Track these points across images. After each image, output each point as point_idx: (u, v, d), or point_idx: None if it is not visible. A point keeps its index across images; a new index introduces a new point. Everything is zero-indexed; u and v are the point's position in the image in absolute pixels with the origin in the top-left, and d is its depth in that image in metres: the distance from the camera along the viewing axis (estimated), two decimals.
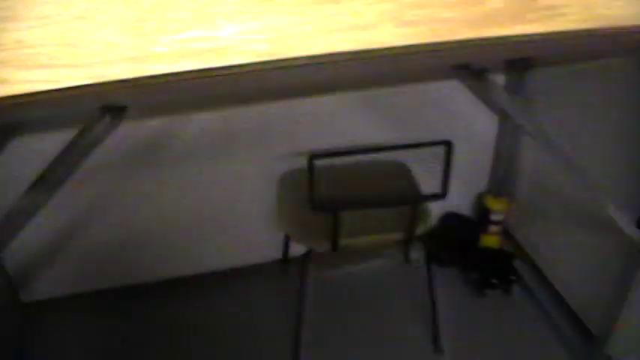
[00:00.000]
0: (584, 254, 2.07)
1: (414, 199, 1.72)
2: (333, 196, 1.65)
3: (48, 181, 1.23)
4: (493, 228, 2.38)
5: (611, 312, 1.84)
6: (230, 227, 2.27)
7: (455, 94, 2.22)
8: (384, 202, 1.70)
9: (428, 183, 1.88)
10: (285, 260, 2.35)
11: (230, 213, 2.24)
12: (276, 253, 2.37)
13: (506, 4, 1.23)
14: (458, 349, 2.08)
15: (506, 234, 2.48)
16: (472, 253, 2.36)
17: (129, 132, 1.96)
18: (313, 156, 1.45)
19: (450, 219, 2.47)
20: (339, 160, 2.02)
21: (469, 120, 2.30)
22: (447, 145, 1.51)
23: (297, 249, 2.15)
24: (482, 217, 2.39)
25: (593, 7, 1.27)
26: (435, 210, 2.46)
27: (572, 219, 2.10)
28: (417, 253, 2.44)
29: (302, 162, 1.92)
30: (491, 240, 2.40)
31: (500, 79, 2.24)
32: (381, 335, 2.13)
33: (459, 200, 2.50)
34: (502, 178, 2.41)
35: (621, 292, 1.78)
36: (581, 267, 2.10)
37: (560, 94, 2.06)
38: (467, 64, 1.16)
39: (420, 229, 1.76)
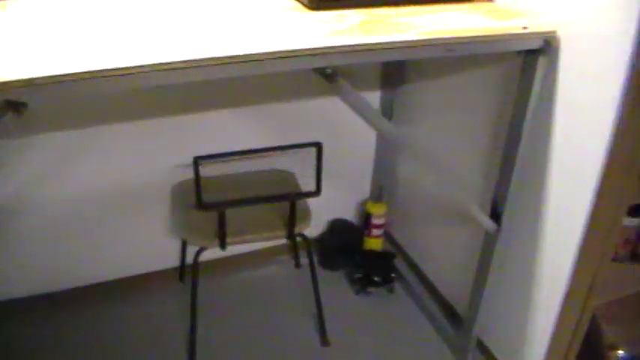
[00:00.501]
0: (451, 247, 2.31)
1: (290, 196, 1.90)
2: (220, 197, 1.80)
3: None
4: (375, 231, 2.59)
5: (474, 296, 2.07)
6: (129, 237, 2.37)
7: (337, 109, 2.43)
8: (263, 199, 1.87)
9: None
10: (183, 267, 2.48)
11: (128, 223, 2.35)
12: (174, 261, 2.50)
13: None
14: (344, 341, 2.26)
15: (388, 236, 2.71)
16: (357, 255, 2.55)
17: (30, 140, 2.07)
18: (197, 158, 1.61)
19: (337, 225, 2.67)
20: (228, 170, 2.19)
21: (351, 132, 2.52)
22: (317, 146, 1.70)
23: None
24: (365, 221, 2.60)
25: (435, 25, 1.50)
26: (324, 218, 2.67)
27: (440, 217, 2.34)
28: (306, 259, 2.62)
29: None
30: (374, 242, 2.61)
31: (376, 95, 2.47)
32: (272, 333, 2.28)
33: (344, 208, 2.71)
34: (382, 184, 2.63)
35: (482, 277, 2.01)
36: (449, 259, 2.34)
37: (428, 106, 2.30)
38: (322, 69, 1.36)
39: (300, 228, 1.94)
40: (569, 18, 1.55)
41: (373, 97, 2.47)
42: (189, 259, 2.45)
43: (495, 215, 1.86)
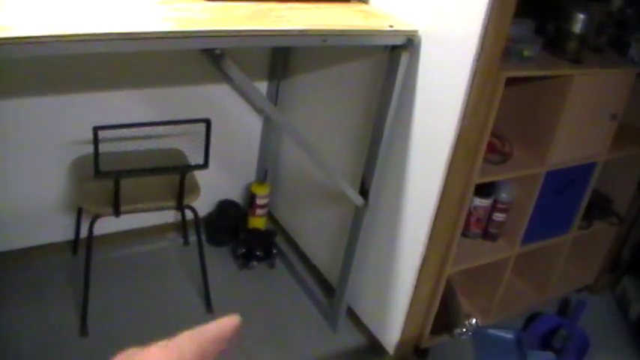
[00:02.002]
0: (325, 225, 2.56)
1: (180, 168, 2.08)
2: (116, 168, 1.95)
3: None
4: (259, 211, 2.79)
5: (344, 267, 2.31)
6: (26, 210, 2.46)
7: (226, 97, 2.63)
8: (156, 170, 2.04)
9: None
10: (77, 240, 2.59)
11: (25, 197, 2.44)
12: (69, 235, 2.61)
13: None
14: (227, 309, 2.44)
15: (271, 216, 2.92)
16: (241, 233, 2.75)
17: None
18: (97, 127, 1.76)
19: (224, 205, 2.85)
20: (123, 148, 2.33)
21: (239, 120, 2.71)
22: (207, 122, 1.89)
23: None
24: (250, 202, 2.80)
25: (312, 20, 1.73)
26: (211, 198, 2.85)
27: (317, 198, 2.59)
28: (194, 237, 2.80)
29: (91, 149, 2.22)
30: (257, 221, 2.82)
31: (263, 85, 2.68)
32: (161, 302, 2.44)
33: (231, 189, 2.90)
34: (267, 168, 2.84)
35: (350, 249, 2.25)
36: (324, 236, 2.59)
37: (309, 96, 2.54)
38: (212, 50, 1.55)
39: (189, 200, 2.12)
40: (427, 21, 1.82)
41: (260, 87, 2.67)
42: (83, 233, 2.57)
43: (363, 192, 2.11)
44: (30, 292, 2.39)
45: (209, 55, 1.56)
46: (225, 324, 0.52)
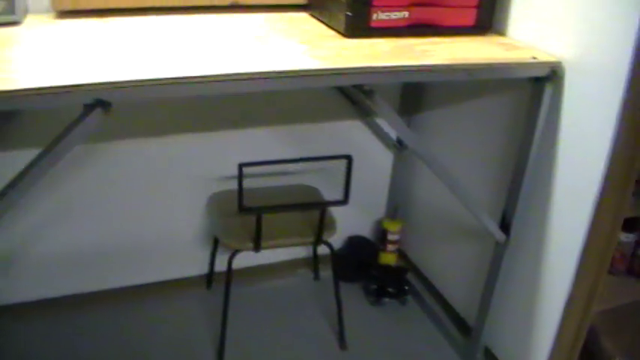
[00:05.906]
0: (461, 262, 2.50)
1: (321, 204, 2.10)
2: (257, 204, 2.00)
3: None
4: (390, 247, 2.78)
5: (483, 306, 2.25)
6: (162, 243, 2.57)
7: (356, 133, 2.65)
8: (297, 206, 2.07)
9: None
10: (211, 274, 2.67)
11: (161, 231, 2.55)
12: (201, 269, 2.69)
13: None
14: (360, 346, 2.43)
15: (401, 252, 2.90)
16: (373, 269, 2.74)
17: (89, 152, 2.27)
18: (242, 164, 1.81)
19: (354, 241, 2.86)
20: (260, 184, 2.39)
21: (369, 155, 2.72)
22: (348, 158, 1.90)
23: (221, 266, 2.51)
24: (381, 238, 2.79)
25: (456, 54, 1.72)
26: (342, 234, 2.86)
27: (451, 234, 2.54)
28: (325, 272, 2.82)
29: (226, 185, 2.30)
30: (388, 257, 2.80)
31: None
32: (294, 337, 2.45)
33: (361, 225, 2.90)
34: (397, 204, 2.82)
35: (490, 287, 2.19)
36: (459, 273, 2.52)
37: (443, 131, 2.51)
38: (360, 85, 1.57)
39: (327, 235, 2.13)
40: (570, 51, 1.77)
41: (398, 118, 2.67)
42: (218, 267, 2.64)
43: (505, 227, 2.05)
44: (164, 325, 2.49)
45: (359, 92, 1.57)
46: None
